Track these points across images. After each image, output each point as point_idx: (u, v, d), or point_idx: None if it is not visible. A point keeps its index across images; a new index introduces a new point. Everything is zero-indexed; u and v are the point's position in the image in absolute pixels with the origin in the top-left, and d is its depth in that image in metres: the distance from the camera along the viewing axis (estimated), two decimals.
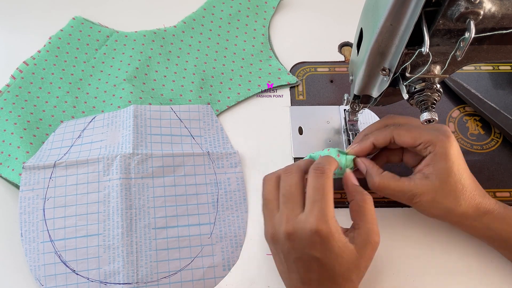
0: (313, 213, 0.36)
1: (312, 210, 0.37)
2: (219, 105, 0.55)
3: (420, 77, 0.35)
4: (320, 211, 0.36)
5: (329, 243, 0.36)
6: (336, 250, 0.37)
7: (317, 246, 0.36)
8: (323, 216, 0.36)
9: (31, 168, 0.48)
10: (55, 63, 0.56)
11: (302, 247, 0.37)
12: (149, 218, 0.47)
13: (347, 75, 0.57)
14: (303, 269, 0.38)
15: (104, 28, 0.59)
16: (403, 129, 0.42)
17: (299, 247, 0.37)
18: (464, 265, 0.46)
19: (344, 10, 0.62)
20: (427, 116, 0.35)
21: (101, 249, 0.45)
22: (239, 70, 0.58)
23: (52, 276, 0.44)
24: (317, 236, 0.36)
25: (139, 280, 0.44)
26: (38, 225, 0.46)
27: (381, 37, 0.33)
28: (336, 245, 0.36)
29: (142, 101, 0.53)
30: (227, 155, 0.51)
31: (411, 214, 0.49)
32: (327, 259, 0.37)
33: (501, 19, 0.30)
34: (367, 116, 0.54)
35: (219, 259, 0.46)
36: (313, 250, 0.37)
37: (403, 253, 0.47)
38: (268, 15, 0.62)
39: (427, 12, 0.30)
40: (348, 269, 0.37)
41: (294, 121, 0.54)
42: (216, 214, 0.48)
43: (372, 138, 0.42)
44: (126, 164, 0.48)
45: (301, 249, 0.37)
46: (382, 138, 0.42)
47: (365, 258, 0.38)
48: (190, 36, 0.60)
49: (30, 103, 0.53)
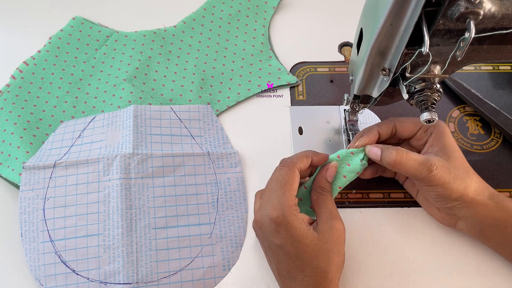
0: (271, 202, 0.40)
1: (271, 199, 0.40)
2: (219, 105, 0.55)
3: (420, 77, 0.35)
4: (277, 199, 0.39)
5: (287, 229, 0.38)
6: (295, 236, 0.38)
7: (275, 233, 0.39)
8: (279, 204, 0.39)
9: (31, 168, 0.48)
10: (55, 63, 0.56)
11: (266, 235, 0.40)
12: (149, 218, 0.47)
13: (347, 75, 0.57)
14: (275, 259, 0.41)
15: (104, 28, 0.59)
16: (403, 118, 0.45)
17: (265, 234, 0.40)
18: (464, 265, 0.46)
19: (344, 10, 0.62)
20: (427, 116, 0.35)
21: (101, 249, 0.45)
22: (239, 70, 0.58)
23: (52, 276, 0.44)
24: (274, 223, 0.39)
25: (139, 280, 0.44)
26: (38, 225, 0.46)
27: (381, 37, 0.33)
28: (295, 232, 0.38)
29: (142, 101, 0.53)
30: (227, 155, 0.51)
31: (411, 214, 0.49)
32: (290, 246, 0.38)
33: (501, 19, 0.30)
34: (367, 116, 0.54)
35: (219, 259, 0.46)
36: (274, 237, 0.39)
37: (404, 253, 0.47)
38: (268, 15, 0.62)
39: (427, 12, 0.30)
40: (315, 256, 0.38)
41: (294, 121, 0.54)
42: (216, 214, 0.48)
43: (376, 128, 0.44)
44: (126, 164, 0.48)
45: (266, 237, 0.40)
46: (386, 127, 0.44)
47: (331, 244, 0.39)
48: (190, 36, 0.60)
49: (30, 103, 0.53)
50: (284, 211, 0.38)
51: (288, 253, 0.39)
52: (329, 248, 0.38)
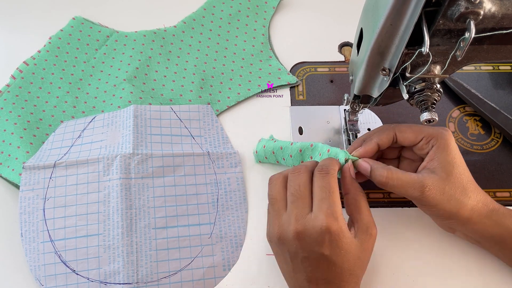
0: (322, 210, 0.37)
1: (321, 208, 0.37)
2: (219, 105, 0.55)
3: (420, 77, 0.35)
4: (329, 208, 0.37)
5: (339, 240, 0.37)
6: (345, 246, 0.37)
7: (327, 244, 0.37)
8: (332, 213, 0.37)
9: (31, 168, 0.48)
10: (55, 63, 0.56)
11: (311, 246, 0.37)
12: (149, 218, 0.47)
13: (347, 75, 0.57)
14: (311, 268, 0.38)
15: (104, 28, 0.59)
16: (404, 126, 0.42)
17: (308, 245, 0.37)
18: (463, 265, 0.46)
19: (344, 10, 0.62)
20: (427, 116, 0.35)
21: (101, 249, 0.45)
22: (239, 70, 0.58)
23: (52, 276, 0.44)
24: (328, 233, 0.36)
25: (139, 280, 0.44)
26: (38, 225, 0.46)
27: (381, 37, 0.33)
28: (345, 242, 0.37)
29: (142, 101, 0.53)
30: (227, 155, 0.51)
31: (411, 214, 0.49)
32: (336, 256, 0.37)
33: (501, 19, 0.30)
34: (367, 116, 0.54)
35: (219, 259, 0.46)
36: (323, 248, 0.37)
37: (403, 253, 0.47)
38: (268, 15, 0.62)
39: (427, 12, 0.30)
40: (355, 264, 0.38)
41: (294, 121, 0.54)
42: (216, 214, 0.48)
43: (376, 139, 0.42)
44: (126, 164, 0.48)
45: (309, 248, 0.37)
46: (386, 137, 0.42)
47: (367, 251, 0.39)
48: (190, 36, 0.60)
49: (30, 103, 0.53)
50: (339, 221, 0.37)
51: (334, 262, 0.37)
52: (365, 256, 0.39)
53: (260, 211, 0.49)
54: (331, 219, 0.36)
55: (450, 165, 0.40)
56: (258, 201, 0.49)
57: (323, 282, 0.38)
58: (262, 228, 0.48)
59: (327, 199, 0.37)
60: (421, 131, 0.42)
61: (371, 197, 0.49)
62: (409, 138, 0.42)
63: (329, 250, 0.37)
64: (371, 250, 0.40)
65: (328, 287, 0.38)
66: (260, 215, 0.49)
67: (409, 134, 0.42)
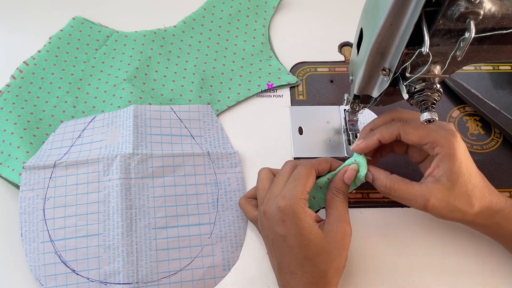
0: (282, 193, 0.40)
1: (283, 191, 0.40)
2: (219, 105, 0.55)
3: (420, 77, 0.35)
4: (288, 191, 0.40)
5: (293, 220, 0.38)
6: (300, 229, 0.38)
7: (281, 223, 0.39)
8: (289, 195, 0.39)
9: (31, 168, 0.48)
10: (55, 63, 0.56)
11: (272, 225, 0.40)
12: (149, 218, 0.47)
13: (347, 75, 0.57)
14: (278, 252, 0.40)
15: (104, 28, 0.59)
16: (410, 127, 0.41)
17: (270, 224, 0.40)
18: (464, 265, 0.46)
19: (344, 10, 0.62)
20: (427, 116, 0.35)
21: (101, 249, 0.45)
22: (239, 70, 0.58)
23: (52, 276, 0.44)
24: (281, 211, 0.39)
25: (139, 280, 0.44)
26: (38, 225, 0.46)
27: (381, 37, 0.33)
28: (300, 224, 0.38)
29: (142, 101, 0.53)
30: (227, 155, 0.51)
31: (411, 214, 0.49)
32: (293, 237, 0.38)
33: (501, 19, 0.30)
34: (367, 116, 0.54)
35: (219, 259, 0.46)
36: (279, 227, 0.39)
37: (403, 253, 0.47)
38: (268, 15, 0.62)
39: (427, 12, 0.30)
40: (317, 253, 0.38)
41: (294, 121, 0.54)
42: (216, 214, 0.48)
43: (378, 135, 0.42)
44: (126, 164, 0.48)
45: (272, 227, 0.40)
46: (388, 135, 0.42)
47: (335, 245, 0.38)
48: (190, 36, 0.60)
49: (30, 103, 0.53)
50: (293, 202, 0.39)
51: (291, 245, 0.39)
52: (331, 250, 0.38)
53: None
54: (285, 200, 0.39)
55: (455, 174, 0.39)
56: None
57: (288, 270, 0.39)
58: None
59: (290, 184, 0.40)
60: (427, 135, 0.40)
61: (371, 197, 0.49)
62: (413, 140, 0.41)
63: (283, 229, 0.39)
64: (340, 246, 0.39)
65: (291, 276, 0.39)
66: None
67: (413, 136, 0.41)
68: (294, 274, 0.39)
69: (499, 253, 0.46)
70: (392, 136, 0.42)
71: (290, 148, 0.52)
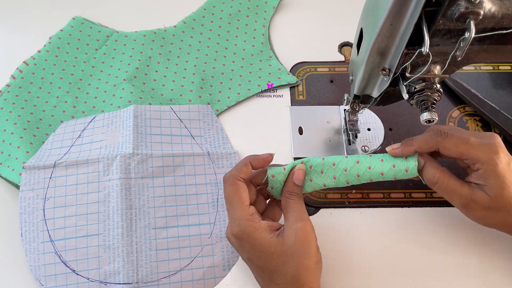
0: (230, 221, 0.40)
1: (229, 217, 0.41)
2: (219, 105, 0.55)
3: (420, 77, 0.35)
4: (230, 217, 0.40)
5: (249, 243, 0.39)
6: (259, 248, 0.38)
7: (241, 248, 0.40)
8: (235, 221, 0.39)
9: (31, 168, 0.48)
10: (55, 63, 0.56)
11: (237, 251, 0.41)
12: (149, 218, 0.47)
13: (347, 75, 0.57)
14: (252, 272, 0.41)
15: (104, 28, 0.59)
16: (449, 143, 0.39)
17: (237, 250, 0.41)
18: (464, 265, 0.46)
19: (344, 10, 0.62)
20: (427, 116, 0.35)
21: (101, 249, 0.45)
22: (239, 70, 0.58)
23: (52, 276, 0.44)
24: (236, 239, 0.39)
25: (139, 280, 0.44)
26: (38, 225, 0.46)
27: (381, 37, 0.33)
28: (257, 243, 0.38)
29: (142, 101, 0.53)
30: (227, 155, 0.51)
31: (411, 214, 0.49)
32: (255, 259, 0.39)
33: (501, 19, 0.30)
34: (367, 116, 0.54)
35: (219, 259, 0.46)
36: (242, 252, 0.40)
37: (403, 253, 0.47)
38: (268, 15, 0.62)
39: (427, 12, 0.30)
40: (282, 263, 0.38)
41: (294, 121, 0.54)
42: (216, 214, 0.48)
43: (416, 146, 0.40)
44: (126, 164, 0.48)
45: (238, 253, 0.41)
46: (427, 148, 0.40)
47: (297, 246, 0.38)
48: (190, 36, 0.60)
49: (30, 103, 0.53)
50: (242, 226, 0.39)
51: (257, 266, 0.39)
52: (295, 252, 0.38)
53: None
54: (233, 226, 0.39)
55: (498, 188, 0.38)
56: None
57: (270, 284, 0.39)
58: None
59: (229, 209, 0.40)
60: (468, 153, 0.39)
61: (371, 197, 0.49)
62: (452, 155, 0.40)
63: (246, 254, 0.40)
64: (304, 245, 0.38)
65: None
66: None
67: (453, 153, 0.39)
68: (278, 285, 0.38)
69: (499, 253, 0.46)
70: (430, 150, 0.41)
71: (290, 148, 0.52)
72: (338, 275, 0.45)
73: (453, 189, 0.39)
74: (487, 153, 0.39)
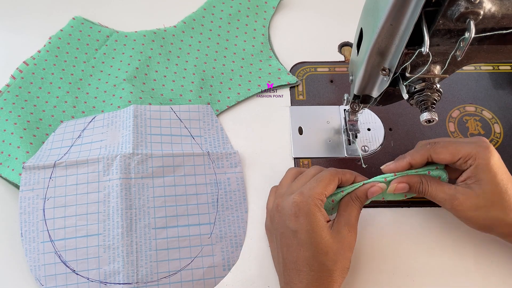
0: (300, 189, 0.40)
1: (302, 187, 0.41)
2: (219, 105, 0.55)
3: (420, 77, 0.35)
4: (307, 189, 0.40)
5: (306, 216, 0.38)
6: (313, 226, 0.38)
7: (294, 218, 0.39)
8: (308, 193, 0.39)
9: (31, 168, 0.48)
10: (55, 63, 0.56)
11: (284, 219, 0.40)
12: (149, 218, 0.47)
13: (347, 75, 0.57)
14: (285, 247, 0.40)
15: (104, 28, 0.59)
16: (439, 147, 0.41)
17: (282, 219, 0.40)
18: (464, 265, 0.46)
19: (344, 10, 0.62)
20: (427, 116, 0.35)
21: (101, 249, 0.45)
22: (239, 70, 0.58)
23: (52, 276, 0.44)
24: (295, 206, 0.39)
25: (139, 280, 0.44)
26: (38, 225, 0.46)
27: (381, 37, 0.33)
28: (313, 221, 0.38)
29: (142, 101, 0.53)
30: (227, 155, 0.51)
31: (411, 214, 0.49)
32: (304, 233, 0.39)
33: (501, 19, 0.30)
34: (367, 116, 0.54)
35: (219, 259, 0.46)
36: (291, 221, 0.39)
37: (403, 253, 0.47)
38: (268, 15, 0.62)
39: (427, 12, 0.30)
40: (325, 252, 0.38)
41: (294, 121, 0.54)
42: (216, 214, 0.48)
43: (409, 158, 0.41)
44: (126, 164, 0.48)
45: (283, 222, 0.40)
46: (419, 157, 0.41)
47: (343, 246, 0.39)
48: (190, 36, 0.60)
49: (30, 103, 0.53)
50: (310, 199, 0.39)
51: (301, 241, 0.39)
52: (339, 250, 0.39)
53: (260, 211, 0.49)
54: (301, 196, 0.39)
55: (488, 183, 0.39)
56: (258, 201, 0.49)
57: (293, 267, 0.39)
58: (262, 228, 0.48)
59: (312, 183, 0.40)
60: (458, 151, 0.40)
61: None
62: (445, 159, 0.41)
63: (295, 224, 0.39)
64: (347, 248, 0.39)
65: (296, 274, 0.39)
66: (260, 215, 0.49)
67: (445, 155, 0.40)
68: (300, 271, 0.39)
69: (499, 253, 0.46)
70: (422, 158, 0.41)
71: (290, 148, 0.52)
72: None
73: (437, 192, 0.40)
74: (479, 148, 0.39)
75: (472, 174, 0.39)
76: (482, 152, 0.39)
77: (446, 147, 0.40)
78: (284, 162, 0.51)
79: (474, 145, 0.40)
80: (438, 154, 0.41)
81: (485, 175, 0.39)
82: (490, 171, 0.39)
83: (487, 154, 0.39)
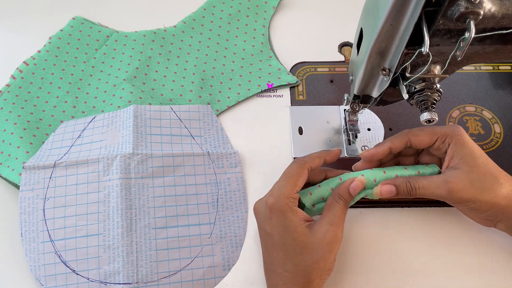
0: (271, 191, 0.41)
1: (272, 188, 0.41)
2: (219, 105, 0.55)
3: (420, 77, 0.35)
4: (277, 189, 0.40)
5: (278, 217, 0.39)
6: (285, 226, 0.39)
7: (267, 220, 0.40)
8: (277, 193, 0.40)
9: (31, 168, 0.48)
10: (55, 63, 0.56)
11: (260, 222, 0.41)
12: (149, 218, 0.47)
13: (347, 75, 0.57)
14: (264, 248, 0.41)
15: (104, 28, 0.59)
16: (417, 130, 0.42)
17: (259, 222, 0.42)
18: (464, 265, 0.46)
19: (344, 10, 0.62)
20: (427, 116, 0.35)
21: (101, 249, 0.45)
22: (239, 70, 0.58)
23: (52, 276, 0.44)
24: (267, 209, 0.40)
25: (139, 280, 0.44)
26: (38, 225, 0.46)
27: (381, 37, 0.33)
28: (285, 222, 0.39)
29: (142, 101, 0.53)
30: (227, 155, 0.51)
31: (411, 214, 0.49)
32: (277, 235, 0.39)
33: (501, 19, 0.30)
34: (367, 116, 0.54)
35: (219, 259, 0.46)
36: (266, 224, 0.40)
37: (404, 253, 0.47)
38: (268, 15, 0.62)
39: (427, 12, 0.30)
40: (299, 252, 0.38)
41: (294, 121, 0.54)
42: (216, 214, 0.48)
43: (388, 143, 0.42)
44: (126, 164, 0.48)
45: (260, 224, 0.41)
46: (398, 142, 0.42)
47: (321, 246, 0.38)
48: (190, 36, 0.60)
49: (30, 103, 0.53)
50: (280, 200, 0.39)
51: (274, 243, 0.39)
52: (315, 250, 0.38)
53: None
54: (273, 198, 0.40)
55: (471, 157, 0.40)
56: None
57: (270, 268, 0.40)
58: None
59: (281, 182, 0.41)
60: (434, 131, 0.41)
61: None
62: (423, 140, 0.42)
63: (270, 227, 0.40)
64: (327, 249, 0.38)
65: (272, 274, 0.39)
66: None
67: (423, 136, 0.41)
68: (275, 271, 0.39)
69: (499, 253, 0.46)
70: (402, 142, 0.42)
71: (290, 148, 0.52)
72: (338, 274, 0.45)
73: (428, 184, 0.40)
74: (453, 127, 0.41)
75: (454, 152, 0.40)
76: (457, 130, 0.41)
77: (423, 130, 0.42)
78: (284, 162, 0.51)
79: (448, 127, 0.42)
80: (416, 136, 0.42)
81: (466, 150, 0.40)
82: (468, 145, 0.40)
83: (461, 131, 0.41)
